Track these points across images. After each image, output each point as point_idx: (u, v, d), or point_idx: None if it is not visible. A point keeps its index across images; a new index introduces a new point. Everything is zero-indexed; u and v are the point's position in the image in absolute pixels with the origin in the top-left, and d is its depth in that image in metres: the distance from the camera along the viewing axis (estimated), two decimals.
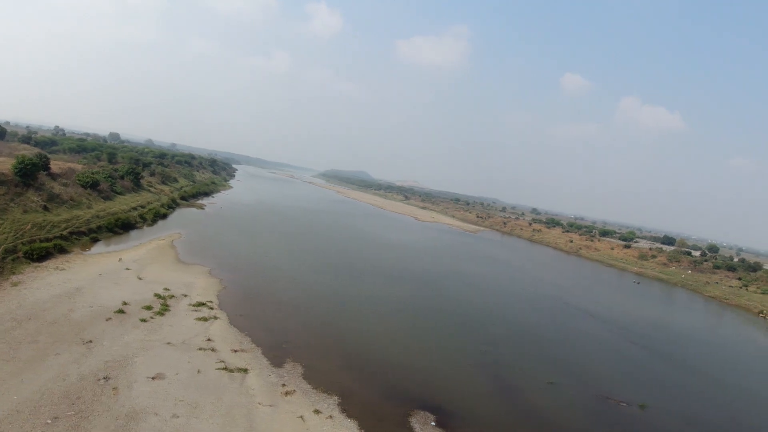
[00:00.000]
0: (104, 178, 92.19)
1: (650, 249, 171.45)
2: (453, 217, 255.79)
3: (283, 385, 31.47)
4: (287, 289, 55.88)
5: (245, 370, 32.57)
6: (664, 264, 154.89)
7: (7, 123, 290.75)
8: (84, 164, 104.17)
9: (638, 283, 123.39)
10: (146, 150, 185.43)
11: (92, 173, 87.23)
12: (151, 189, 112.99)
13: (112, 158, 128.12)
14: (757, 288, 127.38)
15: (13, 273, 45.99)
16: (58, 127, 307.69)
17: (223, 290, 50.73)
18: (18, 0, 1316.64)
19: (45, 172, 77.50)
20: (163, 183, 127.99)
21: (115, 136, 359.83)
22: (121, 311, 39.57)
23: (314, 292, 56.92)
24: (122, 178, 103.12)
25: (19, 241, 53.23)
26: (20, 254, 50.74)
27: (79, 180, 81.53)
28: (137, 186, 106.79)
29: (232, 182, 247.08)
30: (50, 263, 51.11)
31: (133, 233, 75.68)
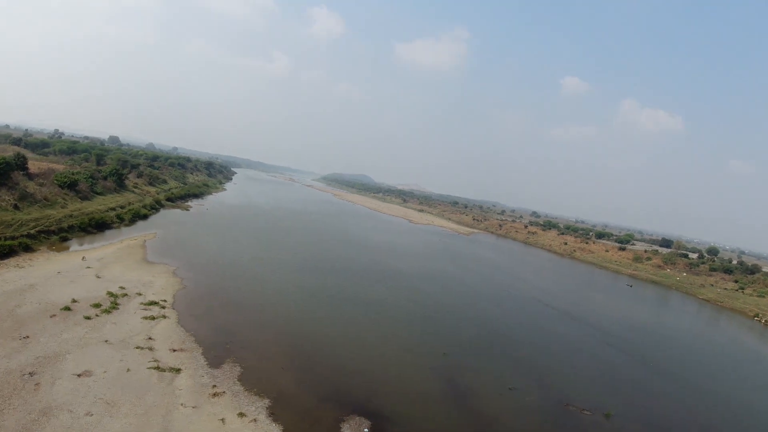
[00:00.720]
0: (84, 178, 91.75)
1: (645, 251, 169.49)
2: (449, 219, 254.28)
3: (214, 386, 30.30)
4: (251, 290, 54.72)
5: (178, 370, 31.50)
6: (659, 266, 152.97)
7: (7, 126, 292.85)
8: (68, 165, 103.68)
9: (631, 286, 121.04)
10: (139, 153, 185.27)
11: (71, 174, 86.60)
12: (136, 190, 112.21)
13: (100, 160, 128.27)
14: (754, 291, 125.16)
15: None
16: (57, 130, 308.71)
17: (182, 290, 49.69)
18: (14, 1, 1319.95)
19: (22, 172, 77.18)
20: (151, 184, 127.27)
21: (114, 139, 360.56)
22: (67, 308, 38.83)
23: (278, 293, 55.71)
24: (105, 178, 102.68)
25: None
26: None
27: (56, 180, 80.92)
28: (121, 187, 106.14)
29: (228, 185, 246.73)
30: (11, 261, 50.51)
31: (108, 233, 74.92)
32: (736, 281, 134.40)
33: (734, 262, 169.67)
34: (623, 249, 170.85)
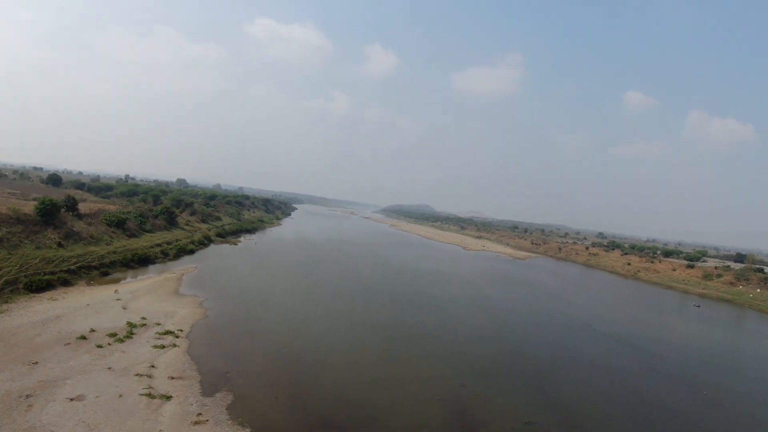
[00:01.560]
0: (134, 217, 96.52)
1: (716, 268, 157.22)
2: (506, 245, 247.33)
3: (199, 414, 29.68)
4: (274, 320, 54.41)
5: (168, 397, 31.27)
6: (731, 283, 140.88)
7: (80, 173, 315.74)
8: (122, 206, 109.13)
9: (698, 306, 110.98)
10: (198, 192, 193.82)
11: (121, 213, 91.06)
12: (187, 227, 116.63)
13: (156, 200, 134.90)
14: None
15: (6, 302, 47.98)
16: (128, 175, 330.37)
17: (202, 320, 50.14)
18: (92, 59, 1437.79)
19: (72, 213, 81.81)
20: (203, 221, 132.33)
21: (181, 181, 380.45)
22: (83, 337, 40.09)
23: (301, 323, 54.98)
24: (156, 217, 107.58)
25: (23, 273, 55.66)
26: (20, 285, 53.10)
27: (105, 219, 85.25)
28: (171, 224, 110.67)
29: (286, 220, 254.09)
30: (47, 294, 53.19)
31: (152, 268, 77.83)
32: None
33: None
34: (692, 267, 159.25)
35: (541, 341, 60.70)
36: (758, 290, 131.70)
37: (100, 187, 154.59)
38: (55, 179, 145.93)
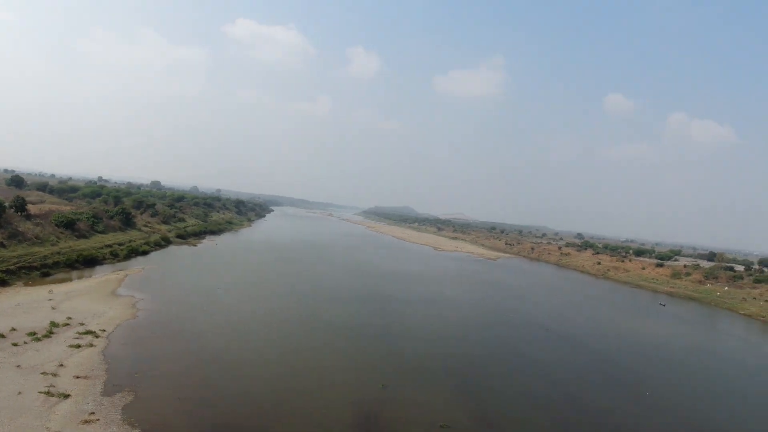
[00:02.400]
0: (87, 218, 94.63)
1: (684, 266, 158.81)
2: (482, 245, 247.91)
3: (92, 413, 28.51)
4: (207, 321, 52.68)
5: (67, 396, 30.23)
6: (699, 282, 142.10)
7: (52, 176, 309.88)
8: (76, 207, 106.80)
9: (664, 305, 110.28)
10: (167, 194, 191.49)
11: (72, 214, 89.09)
12: (145, 228, 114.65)
13: (118, 201, 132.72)
14: None
15: None
16: (100, 177, 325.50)
17: (130, 320, 48.70)
18: (72, 62, 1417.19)
19: (20, 213, 79.79)
20: (164, 222, 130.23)
21: (156, 183, 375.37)
22: (1, 336, 38.98)
23: (235, 324, 53.47)
24: (112, 218, 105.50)
25: None
26: None
27: (54, 220, 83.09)
28: (127, 225, 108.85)
29: (259, 222, 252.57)
30: None
31: (99, 268, 76.42)
32: None
33: None
34: (661, 265, 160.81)
35: (484, 341, 59.86)
36: (726, 288, 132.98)
37: (64, 189, 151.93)
38: (17, 181, 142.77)
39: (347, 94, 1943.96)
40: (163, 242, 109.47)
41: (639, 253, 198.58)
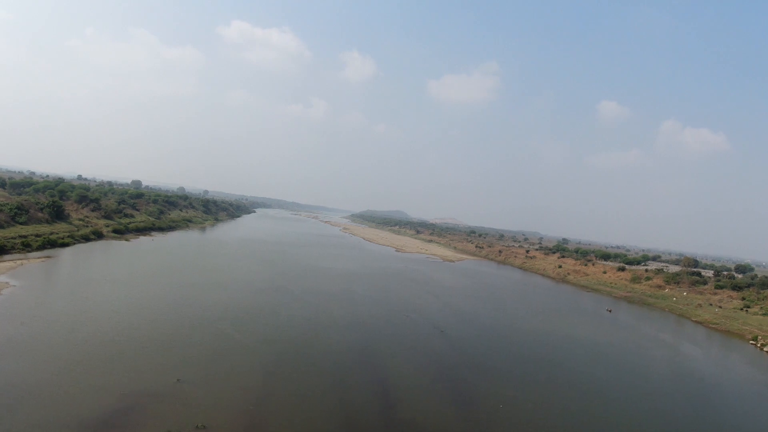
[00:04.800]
0: (10, 209, 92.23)
1: (646, 270, 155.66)
2: (454, 248, 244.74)
3: None
4: (63, 307, 49.53)
5: None
6: (659, 286, 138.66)
7: (32, 173, 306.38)
8: (8, 198, 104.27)
9: (610, 310, 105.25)
10: (128, 191, 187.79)
11: None
12: (79, 221, 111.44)
13: (62, 195, 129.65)
14: (761, 309, 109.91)
15: None
16: (80, 176, 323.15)
17: None
18: (64, 62, 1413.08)
19: None
20: (106, 217, 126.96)
21: (137, 183, 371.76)
22: None
23: (97, 318, 49.48)
24: (41, 210, 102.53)
25: None
26: None
27: None
28: (58, 218, 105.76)
29: (229, 222, 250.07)
30: None
31: (6, 257, 73.98)
32: (743, 299, 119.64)
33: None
34: (623, 269, 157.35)
35: (350, 342, 54.27)
36: (684, 293, 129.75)
37: (20, 184, 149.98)
38: None
39: (341, 97, 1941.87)
40: (93, 236, 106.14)
41: (605, 257, 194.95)
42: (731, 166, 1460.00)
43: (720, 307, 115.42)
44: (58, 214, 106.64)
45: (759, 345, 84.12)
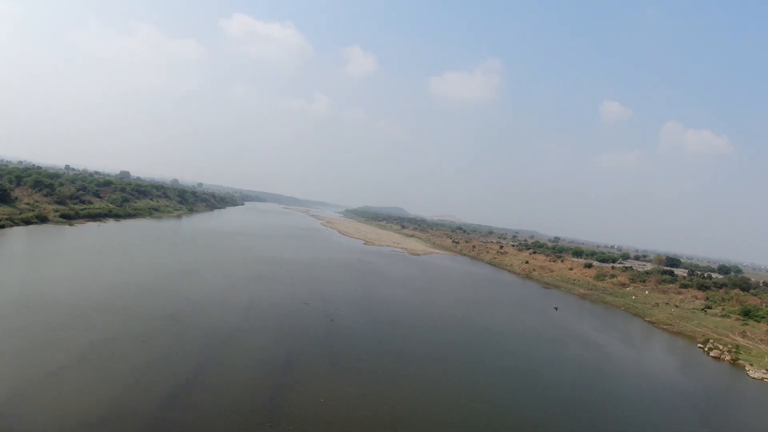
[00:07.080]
0: None
1: (612, 268, 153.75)
2: (432, 243, 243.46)
3: None
4: None
5: None
6: (622, 284, 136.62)
7: (20, 162, 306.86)
8: None
9: (556, 308, 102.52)
10: (91, 179, 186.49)
11: None
12: (24, 205, 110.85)
13: (20, 181, 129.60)
14: (722, 310, 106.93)
15: None
16: (68, 166, 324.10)
17: None
18: (69, 53, 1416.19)
19: None
20: (59, 203, 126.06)
21: (125, 173, 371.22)
22: None
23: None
24: None
25: None
26: None
27: None
28: (1, 202, 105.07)
29: (207, 212, 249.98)
30: None
31: None
32: (707, 299, 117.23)
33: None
34: (589, 266, 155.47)
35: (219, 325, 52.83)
36: (647, 292, 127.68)
37: None
38: None
39: (343, 93, 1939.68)
40: (36, 220, 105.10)
41: (577, 253, 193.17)
42: (733, 168, 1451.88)
43: (677, 306, 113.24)
44: (2, 197, 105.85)
45: (706, 349, 79.94)
